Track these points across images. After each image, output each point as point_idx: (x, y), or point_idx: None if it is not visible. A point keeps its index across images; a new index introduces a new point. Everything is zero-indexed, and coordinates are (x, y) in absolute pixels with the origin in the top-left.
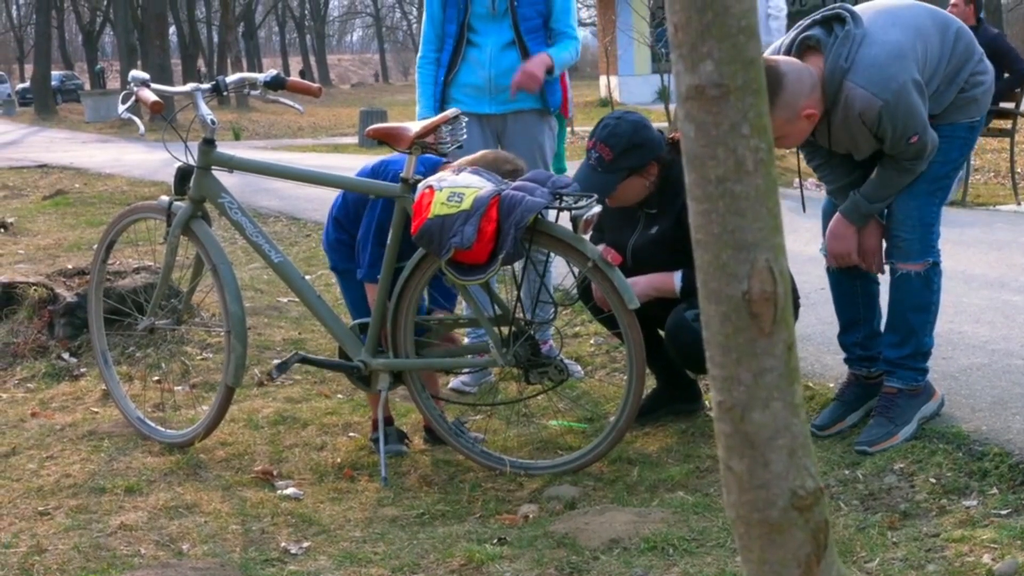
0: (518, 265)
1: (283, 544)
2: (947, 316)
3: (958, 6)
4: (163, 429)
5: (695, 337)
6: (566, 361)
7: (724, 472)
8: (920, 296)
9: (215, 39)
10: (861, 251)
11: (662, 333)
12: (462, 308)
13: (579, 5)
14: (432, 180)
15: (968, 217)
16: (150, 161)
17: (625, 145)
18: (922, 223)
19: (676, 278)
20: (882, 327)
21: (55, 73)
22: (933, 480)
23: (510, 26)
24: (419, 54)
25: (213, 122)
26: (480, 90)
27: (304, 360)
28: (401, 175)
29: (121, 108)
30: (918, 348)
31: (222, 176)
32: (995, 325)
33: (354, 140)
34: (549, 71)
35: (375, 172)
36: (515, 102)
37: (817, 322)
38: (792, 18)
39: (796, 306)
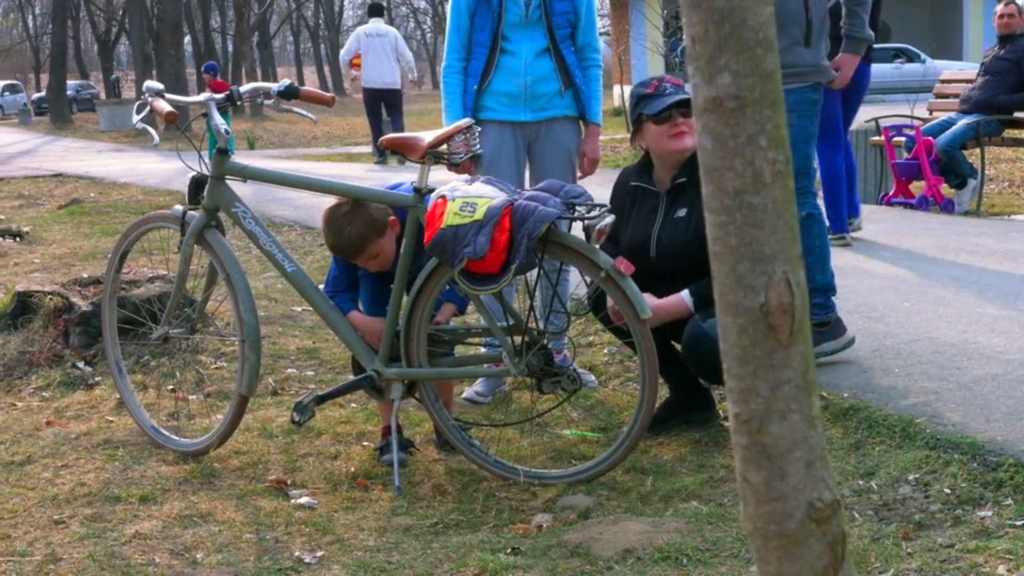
0: (531, 275)
1: (297, 553)
2: (961, 326)
3: (1014, 16)
4: (177, 438)
5: (713, 347)
6: (579, 371)
7: (741, 484)
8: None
9: (230, 49)
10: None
11: (675, 344)
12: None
13: None
14: (445, 190)
15: (982, 227)
16: (164, 170)
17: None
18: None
19: (686, 298)
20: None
21: (70, 83)
22: (948, 491)
23: (544, 34)
24: (444, 63)
25: (227, 132)
26: (515, 98)
27: (322, 399)
28: (415, 184)
29: (136, 118)
30: (813, 286)
31: (236, 185)
32: (1010, 335)
33: (368, 149)
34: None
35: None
36: (550, 109)
37: None
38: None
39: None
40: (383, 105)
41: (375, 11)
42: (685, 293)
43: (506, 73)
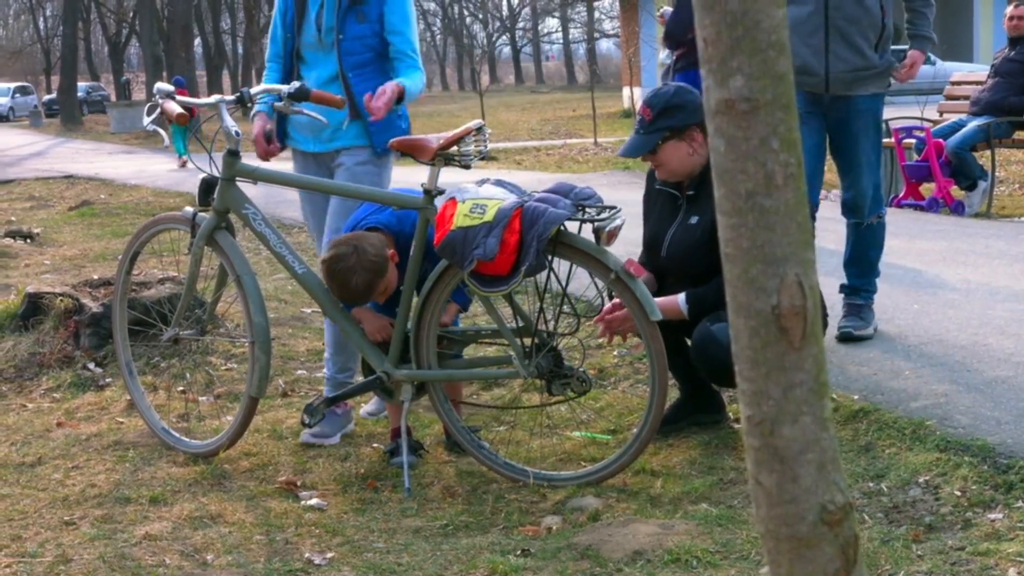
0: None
1: (307, 555)
2: (972, 328)
3: None
4: (187, 439)
5: (722, 351)
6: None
7: (753, 486)
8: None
9: (240, 51)
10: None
11: (687, 340)
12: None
13: (602, 16)
14: (455, 192)
15: (992, 229)
16: (175, 172)
17: (664, 105)
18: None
19: (681, 303)
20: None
21: (81, 84)
22: (958, 493)
23: (336, 59)
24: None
25: (237, 133)
26: (303, 127)
27: (331, 401)
28: (424, 186)
29: (146, 120)
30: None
31: (246, 187)
32: (1020, 338)
33: None
34: (399, 99)
35: (400, 219)
36: (336, 141)
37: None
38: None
39: (824, 322)
40: None
41: None
42: (682, 297)
43: None
